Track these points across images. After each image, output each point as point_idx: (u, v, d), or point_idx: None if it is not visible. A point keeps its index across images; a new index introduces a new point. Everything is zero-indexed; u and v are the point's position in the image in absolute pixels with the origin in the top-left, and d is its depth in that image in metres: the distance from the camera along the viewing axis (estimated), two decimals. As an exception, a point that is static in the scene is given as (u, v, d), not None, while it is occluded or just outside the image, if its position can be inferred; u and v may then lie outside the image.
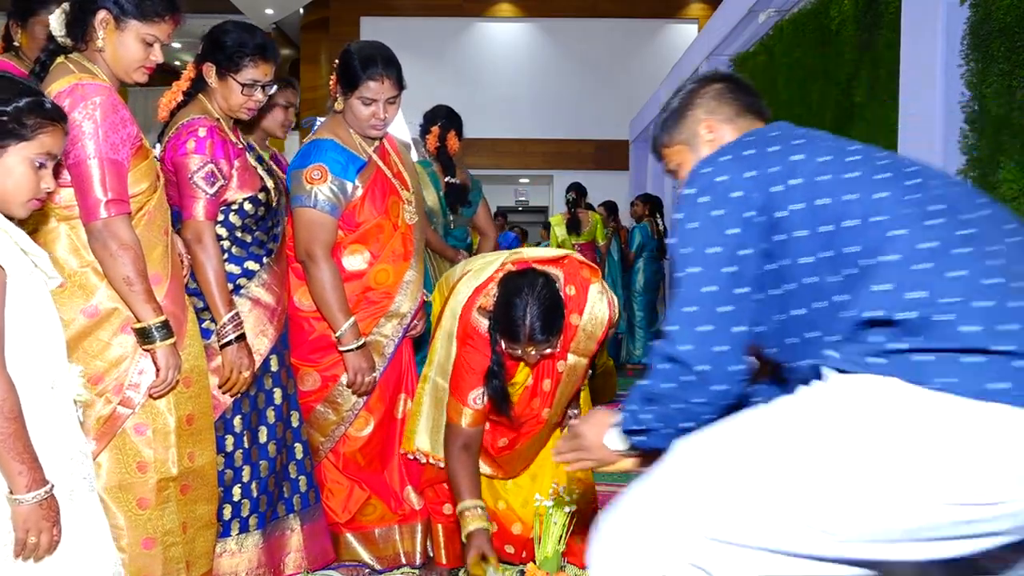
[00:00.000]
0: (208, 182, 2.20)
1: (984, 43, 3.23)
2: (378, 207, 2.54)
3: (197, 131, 2.21)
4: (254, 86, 2.28)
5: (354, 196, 2.50)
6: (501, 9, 13.38)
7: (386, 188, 2.57)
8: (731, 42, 6.80)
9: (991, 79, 3.20)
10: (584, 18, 13.17)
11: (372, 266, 2.53)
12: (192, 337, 2.05)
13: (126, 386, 1.88)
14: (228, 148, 2.27)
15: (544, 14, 13.23)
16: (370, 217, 2.52)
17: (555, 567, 2.23)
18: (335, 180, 2.45)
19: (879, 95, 4.07)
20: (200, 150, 2.19)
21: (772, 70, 5.87)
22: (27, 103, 1.42)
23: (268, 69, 2.29)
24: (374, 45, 2.52)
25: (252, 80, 2.27)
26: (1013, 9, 3.07)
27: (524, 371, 2.38)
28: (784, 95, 5.57)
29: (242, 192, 2.30)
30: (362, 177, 2.52)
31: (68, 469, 1.50)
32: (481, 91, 12.44)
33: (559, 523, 2.22)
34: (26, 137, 1.42)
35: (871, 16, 4.25)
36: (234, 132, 2.37)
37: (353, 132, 2.55)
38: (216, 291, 2.18)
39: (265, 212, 2.37)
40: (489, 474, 2.53)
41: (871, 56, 4.26)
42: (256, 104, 2.32)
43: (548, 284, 2.18)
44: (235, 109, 2.31)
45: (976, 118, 3.29)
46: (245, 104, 2.30)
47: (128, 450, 1.91)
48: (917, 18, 3.57)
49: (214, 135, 2.23)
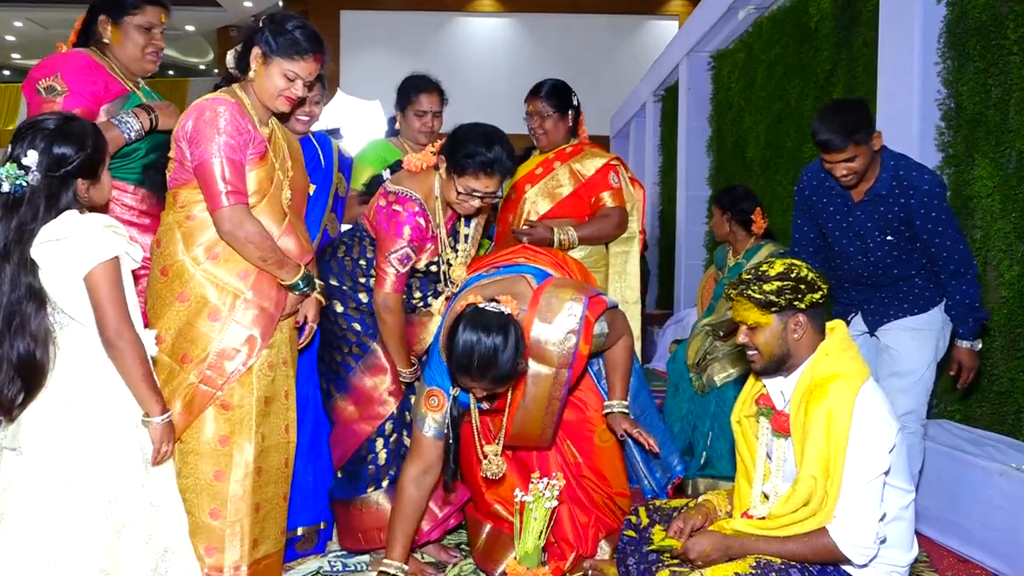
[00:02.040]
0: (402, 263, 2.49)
1: (960, 41, 3.27)
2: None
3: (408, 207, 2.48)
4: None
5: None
6: (482, 4, 13.35)
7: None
8: (711, 39, 6.83)
9: (967, 77, 3.23)
10: (565, 13, 13.18)
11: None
12: (280, 329, 2.29)
13: (207, 367, 2.14)
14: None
15: (525, 9, 13.22)
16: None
17: (535, 562, 2.24)
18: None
19: (857, 92, 4.11)
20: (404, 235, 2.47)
21: (751, 67, 5.91)
22: (93, 137, 1.84)
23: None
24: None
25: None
26: (988, 8, 3.10)
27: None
28: (763, 92, 5.61)
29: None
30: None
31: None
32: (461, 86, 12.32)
33: (539, 518, 2.23)
34: (105, 159, 1.89)
35: (849, 14, 4.29)
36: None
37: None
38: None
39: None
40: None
41: (849, 53, 4.29)
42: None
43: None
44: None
45: (952, 115, 3.33)
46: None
47: (212, 424, 2.16)
48: (894, 16, 3.60)
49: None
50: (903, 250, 2.65)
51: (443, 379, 2.31)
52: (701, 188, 7.20)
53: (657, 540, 2.05)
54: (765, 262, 1.93)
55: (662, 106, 8.89)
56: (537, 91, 3.19)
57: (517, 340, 2.11)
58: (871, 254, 2.69)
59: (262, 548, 2.25)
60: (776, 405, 1.97)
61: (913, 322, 2.70)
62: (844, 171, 2.56)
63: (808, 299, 1.87)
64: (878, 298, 2.75)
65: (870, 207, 2.64)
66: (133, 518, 1.83)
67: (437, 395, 2.32)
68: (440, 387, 2.32)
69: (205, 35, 14.75)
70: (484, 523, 2.63)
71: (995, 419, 3.10)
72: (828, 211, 2.76)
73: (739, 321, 1.95)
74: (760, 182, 5.59)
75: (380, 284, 2.48)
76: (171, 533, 1.91)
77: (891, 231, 2.63)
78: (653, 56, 9.87)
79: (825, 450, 1.80)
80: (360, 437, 2.59)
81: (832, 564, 1.82)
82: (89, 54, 2.44)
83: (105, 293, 1.77)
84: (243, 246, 2.13)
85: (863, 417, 1.79)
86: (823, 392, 1.83)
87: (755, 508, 1.98)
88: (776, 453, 1.96)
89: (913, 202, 2.56)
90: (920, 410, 2.71)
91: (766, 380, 2.00)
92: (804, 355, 1.91)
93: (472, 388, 2.18)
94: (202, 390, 2.14)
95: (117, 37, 2.46)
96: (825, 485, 1.80)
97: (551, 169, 3.12)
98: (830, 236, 2.79)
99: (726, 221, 3.65)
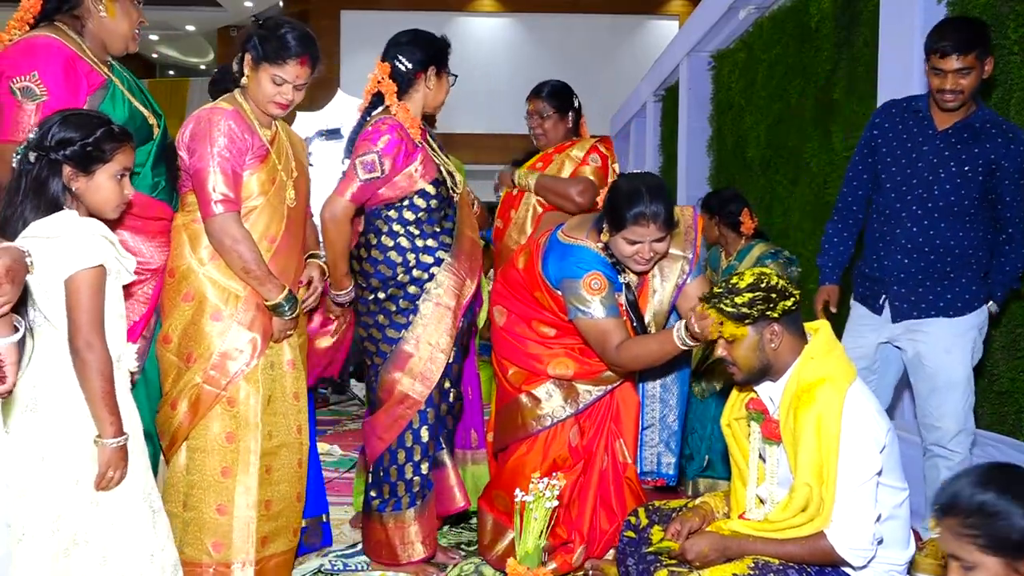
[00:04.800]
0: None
1: (960, 41, 3.26)
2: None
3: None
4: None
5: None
6: (482, 4, 13.35)
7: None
8: (711, 38, 6.82)
9: (967, 77, 3.23)
10: (565, 13, 13.17)
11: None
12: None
13: (210, 367, 2.17)
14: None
15: (525, 9, 13.22)
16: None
17: (536, 562, 2.24)
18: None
19: (857, 92, 4.10)
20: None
21: (752, 67, 5.90)
22: (102, 133, 1.77)
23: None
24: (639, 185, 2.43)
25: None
26: (989, 8, 3.10)
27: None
28: (763, 91, 5.60)
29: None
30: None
31: (136, 422, 1.88)
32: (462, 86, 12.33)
33: (540, 518, 2.23)
34: (107, 159, 1.78)
35: (850, 14, 4.28)
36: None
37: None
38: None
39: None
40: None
41: (849, 53, 4.29)
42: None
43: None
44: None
45: (952, 116, 3.32)
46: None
47: (219, 421, 2.19)
48: (895, 16, 3.60)
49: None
50: (967, 205, 2.50)
51: (593, 264, 2.43)
52: (701, 188, 7.18)
53: (655, 541, 2.05)
54: (736, 274, 1.93)
55: (662, 106, 8.88)
56: (539, 92, 3.22)
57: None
58: (932, 203, 2.54)
59: (271, 546, 2.27)
60: (767, 409, 1.97)
61: (950, 326, 2.55)
62: (954, 84, 2.45)
63: (780, 307, 1.87)
64: (916, 278, 2.58)
65: (953, 139, 2.53)
66: (87, 537, 1.73)
67: (597, 277, 2.41)
68: (595, 270, 2.42)
69: (205, 35, 14.74)
70: (509, 529, 2.59)
71: (995, 419, 3.10)
72: (900, 140, 2.62)
73: (715, 336, 1.95)
74: (760, 182, 5.58)
75: (338, 191, 2.45)
76: (130, 559, 1.77)
77: (969, 170, 2.49)
78: (653, 56, 9.86)
79: (818, 456, 1.80)
80: (401, 423, 2.51)
81: (830, 566, 1.82)
82: (62, 41, 2.05)
83: (83, 300, 1.70)
84: (228, 252, 2.16)
85: (852, 420, 1.79)
86: (811, 397, 1.82)
87: (750, 511, 1.98)
88: (769, 458, 1.96)
89: (1005, 144, 2.45)
90: (968, 427, 2.58)
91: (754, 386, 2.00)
92: (787, 361, 1.91)
93: (648, 227, 2.30)
94: (206, 390, 2.17)
95: (112, 12, 2.15)
96: (820, 491, 1.80)
97: (550, 161, 3.16)
98: (889, 180, 2.63)
99: (715, 225, 3.69)
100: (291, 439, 2.33)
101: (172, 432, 2.21)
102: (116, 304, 1.83)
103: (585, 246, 2.46)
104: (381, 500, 2.55)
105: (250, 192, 2.22)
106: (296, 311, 2.26)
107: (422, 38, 2.62)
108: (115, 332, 1.82)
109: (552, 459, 2.53)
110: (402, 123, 2.48)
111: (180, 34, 14.42)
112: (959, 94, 2.47)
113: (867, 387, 1.93)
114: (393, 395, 2.51)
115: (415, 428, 2.52)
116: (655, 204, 2.30)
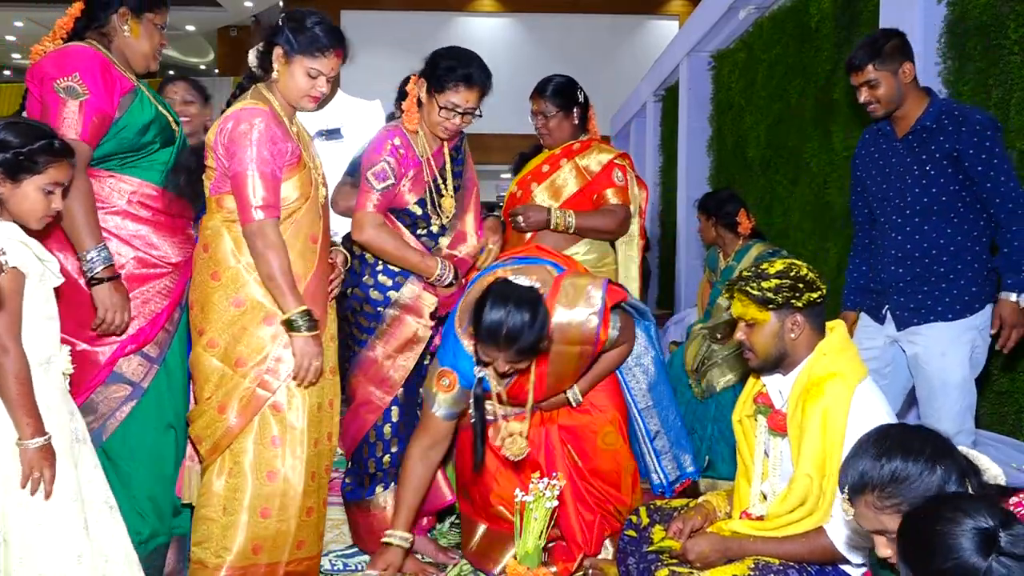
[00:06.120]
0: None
1: (960, 41, 3.27)
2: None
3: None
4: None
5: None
6: (482, 4, 13.35)
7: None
8: (711, 38, 6.82)
9: (967, 77, 3.23)
10: (565, 13, 13.18)
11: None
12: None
13: (264, 371, 2.16)
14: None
15: (525, 9, 13.22)
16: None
17: (536, 562, 2.24)
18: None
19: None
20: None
21: (752, 67, 5.90)
22: (40, 145, 1.78)
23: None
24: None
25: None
26: (989, 8, 3.10)
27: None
28: (763, 92, 5.60)
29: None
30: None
31: (65, 422, 1.86)
32: (462, 86, 12.38)
33: (540, 518, 2.23)
34: (38, 171, 1.78)
35: (849, 14, 4.29)
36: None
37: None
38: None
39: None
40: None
41: (849, 53, 4.28)
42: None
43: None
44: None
45: (952, 116, 3.32)
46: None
47: (266, 426, 2.19)
48: (895, 16, 3.60)
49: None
50: (946, 203, 2.50)
51: (457, 360, 2.36)
52: (701, 188, 7.18)
53: (657, 540, 2.05)
54: (767, 260, 1.94)
55: (662, 106, 8.88)
56: (542, 90, 3.13)
57: (544, 313, 2.20)
58: (908, 208, 2.56)
59: (305, 549, 2.28)
60: (775, 404, 1.97)
61: (947, 329, 2.53)
62: (866, 96, 2.56)
63: (806, 298, 1.87)
64: (913, 285, 2.58)
65: (914, 142, 2.55)
66: (6, 537, 1.74)
67: (449, 376, 2.37)
68: (452, 368, 2.36)
69: (205, 35, 14.76)
70: (479, 523, 2.64)
71: (995, 419, 3.10)
72: (873, 159, 2.68)
73: (737, 317, 1.95)
74: (760, 182, 5.59)
75: (359, 206, 2.48)
76: (50, 560, 1.76)
77: (932, 168, 2.50)
78: (653, 56, 9.87)
79: (821, 448, 1.80)
80: (366, 425, 2.58)
81: (831, 564, 1.82)
82: (98, 50, 2.27)
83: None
84: (258, 256, 2.13)
85: (859, 415, 1.79)
86: (820, 391, 1.83)
87: (754, 507, 1.98)
88: (773, 452, 1.97)
89: (964, 133, 2.44)
90: (967, 428, 2.58)
91: (765, 379, 2.01)
92: (802, 354, 1.91)
93: (496, 360, 2.21)
94: (259, 394, 2.17)
95: (136, 32, 2.31)
96: (821, 483, 1.80)
97: (557, 167, 3.09)
98: (872, 197, 2.68)
99: (712, 226, 3.70)
100: (325, 447, 2.33)
101: (217, 438, 2.17)
102: (43, 306, 1.83)
103: (460, 339, 2.39)
104: (353, 488, 2.63)
105: (289, 194, 2.19)
106: (312, 330, 2.16)
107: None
108: (45, 334, 1.82)
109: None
110: (402, 130, 2.52)
111: (180, 34, 14.45)
112: (877, 104, 2.58)
113: (877, 387, 1.93)
114: (357, 398, 2.59)
115: (379, 425, 2.58)
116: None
